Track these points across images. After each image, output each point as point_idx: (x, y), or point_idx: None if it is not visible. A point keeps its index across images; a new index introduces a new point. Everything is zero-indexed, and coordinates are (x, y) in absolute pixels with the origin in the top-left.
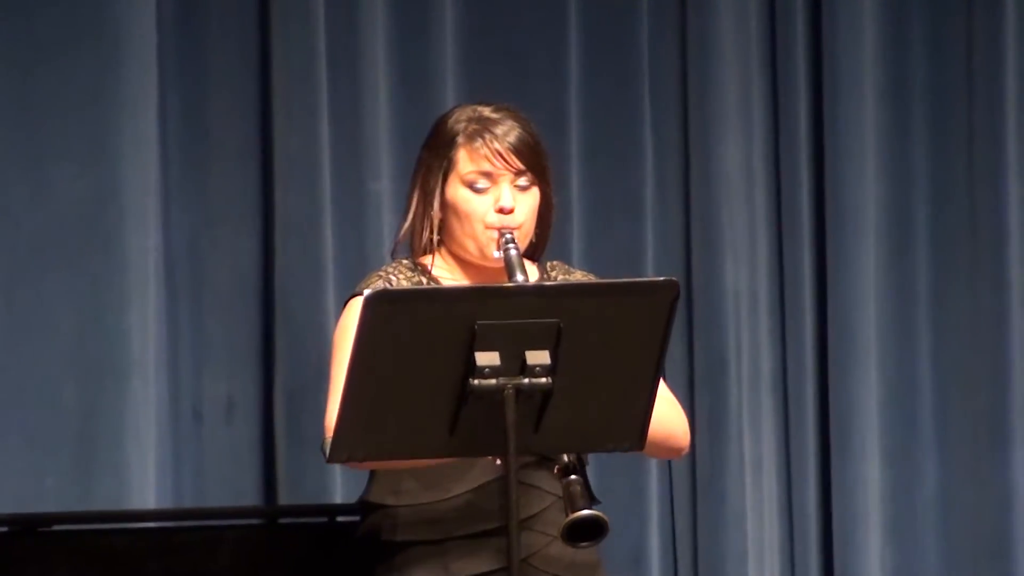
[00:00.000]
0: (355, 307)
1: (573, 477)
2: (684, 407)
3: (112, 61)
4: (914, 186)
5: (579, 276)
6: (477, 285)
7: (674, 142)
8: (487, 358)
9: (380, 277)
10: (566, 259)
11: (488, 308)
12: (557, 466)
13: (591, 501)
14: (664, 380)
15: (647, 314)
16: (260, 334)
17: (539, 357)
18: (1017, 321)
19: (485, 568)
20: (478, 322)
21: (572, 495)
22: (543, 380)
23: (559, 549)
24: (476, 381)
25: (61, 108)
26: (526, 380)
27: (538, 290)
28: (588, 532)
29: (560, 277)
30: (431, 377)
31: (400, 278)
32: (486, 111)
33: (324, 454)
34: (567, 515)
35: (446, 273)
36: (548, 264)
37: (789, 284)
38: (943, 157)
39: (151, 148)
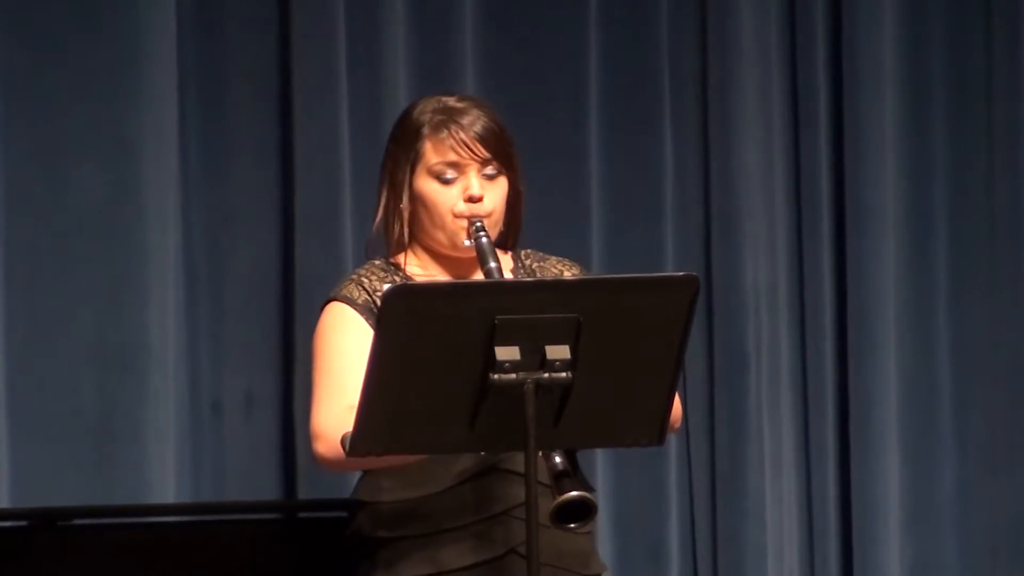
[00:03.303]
0: (332, 312)
1: (558, 460)
2: (704, 403)
3: (131, 57)
4: (934, 182)
5: (554, 262)
6: (497, 280)
7: (694, 139)
8: (507, 353)
9: (353, 281)
10: (586, 257)
11: (508, 303)
12: (541, 450)
13: (578, 482)
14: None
15: (667, 309)
16: (280, 329)
17: (559, 352)
18: None
19: (474, 559)
20: (498, 317)
21: (557, 477)
22: (563, 375)
23: (547, 538)
24: (496, 376)
25: (80, 105)
26: (546, 375)
27: (557, 285)
28: (576, 513)
29: (535, 265)
30: (451, 372)
31: (373, 280)
32: (450, 101)
33: (317, 454)
34: (554, 498)
35: (419, 269)
36: (522, 252)
37: (809, 280)
38: (963, 153)
39: (171, 144)
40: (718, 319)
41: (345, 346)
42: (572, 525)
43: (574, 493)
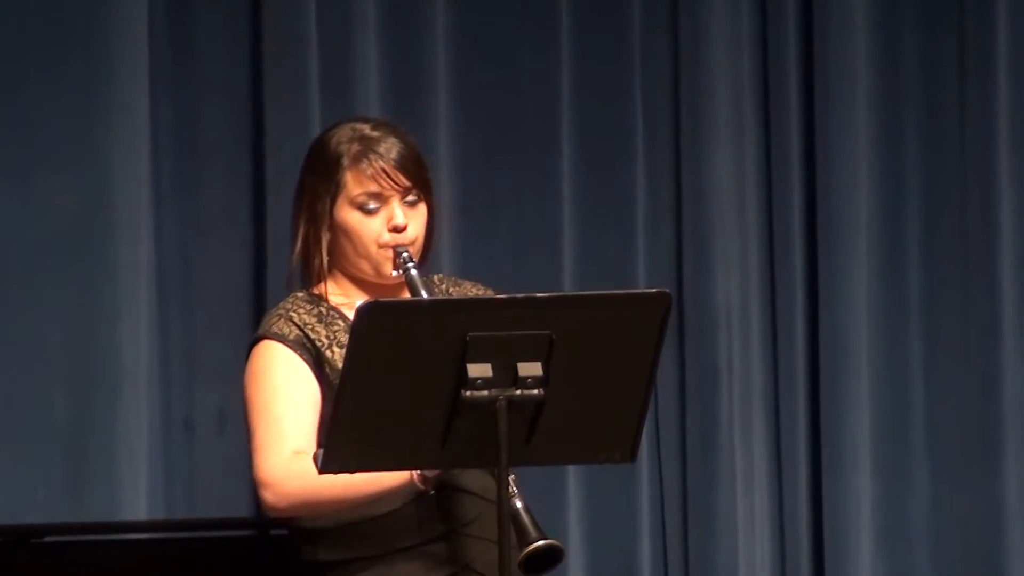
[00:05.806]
0: (264, 351)
1: (519, 505)
2: (675, 419)
3: (103, 72)
4: (906, 196)
5: (468, 287)
6: (469, 297)
7: (666, 153)
8: (479, 370)
9: (281, 316)
10: (556, 272)
11: (480, 320)
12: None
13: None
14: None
15: (639, 326)
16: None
17: (531, 369)
18: (1008, 332)
19: None
20: (470, 334)
21: (521, 525)
22: (535, 392)
23: (493, 554)
24: (468, 393)
25: (52, 119)
26: (518, 392)
27: (530, 302)
28: (544, 561)
29: (451, 289)
30: (423, 388)
31: (302, 313)
32: (366, 129)
33: (266, 503)
34: (520, 548)
35: (343, 298)
36: (435, 277)
37: (780, 296)
38: (935, 167)
39: (142, 159)
40: (689, 335)
41: (282, 387)
42: (543, 573)
43: (543, 543)
